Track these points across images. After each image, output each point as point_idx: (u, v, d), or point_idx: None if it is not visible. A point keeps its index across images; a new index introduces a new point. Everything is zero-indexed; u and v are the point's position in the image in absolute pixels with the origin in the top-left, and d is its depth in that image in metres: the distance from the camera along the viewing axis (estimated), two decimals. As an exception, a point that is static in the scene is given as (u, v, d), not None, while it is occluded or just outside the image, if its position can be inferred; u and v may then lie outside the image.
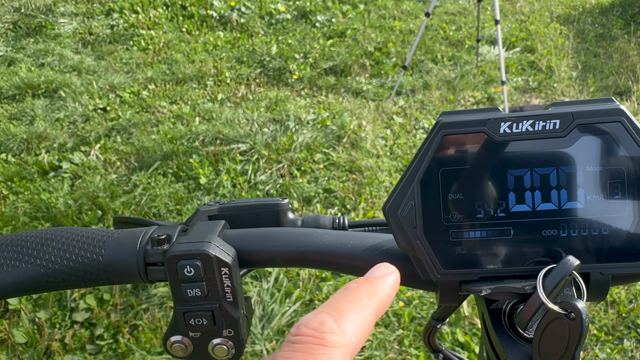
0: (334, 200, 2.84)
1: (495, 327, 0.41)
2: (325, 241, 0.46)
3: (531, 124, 0.39)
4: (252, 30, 4.94)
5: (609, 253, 0.39)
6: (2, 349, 2.02)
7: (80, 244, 0.46)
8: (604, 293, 0.40)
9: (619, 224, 0.38)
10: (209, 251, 0.42)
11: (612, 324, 2.11)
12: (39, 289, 0.45)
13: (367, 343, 2.04)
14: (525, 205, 0.39)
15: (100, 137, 3.36)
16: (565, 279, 0.37)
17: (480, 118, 0.39)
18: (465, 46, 4.80)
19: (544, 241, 0.39)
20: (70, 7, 5.05)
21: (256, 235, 0.47)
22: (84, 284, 0.46)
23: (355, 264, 0.45)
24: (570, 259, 0.37)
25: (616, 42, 4.87)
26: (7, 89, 3.85)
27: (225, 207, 0.53)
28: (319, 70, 4.32)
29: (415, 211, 0.40)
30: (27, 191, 2.86)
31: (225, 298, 0.44)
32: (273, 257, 0.46)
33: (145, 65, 4.28)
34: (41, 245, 0.45)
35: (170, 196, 2.82)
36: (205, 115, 3.62)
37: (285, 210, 0.54)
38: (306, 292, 2.24)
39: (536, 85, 4.21)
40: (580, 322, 0.34)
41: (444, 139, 0.39)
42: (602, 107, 0.39)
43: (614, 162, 0.38)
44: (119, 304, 2.18)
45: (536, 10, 5.68)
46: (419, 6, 5.60)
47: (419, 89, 4.11)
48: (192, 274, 0.42)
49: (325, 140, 3.35)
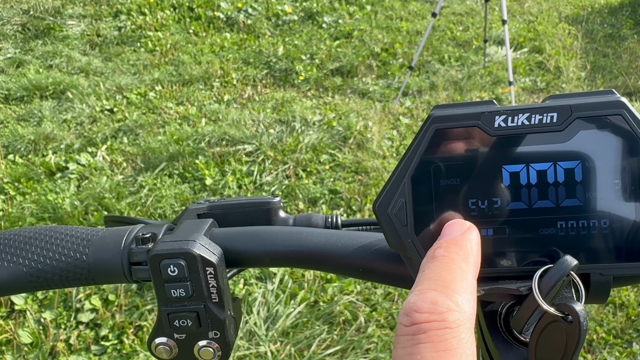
0: (340, 202, 2.83)
1: (491, 330, 0.39)
2: (315, 240, 0.44)
3: (527, 118, 0.37)
4: (258, 32, 4.94)
5: (610, 253, 0.37)
6: (7, 349, 2.03)
7: (64, 242, 0.45)
8: (605, 295, 0.38)
9: (620, 223, 0.36)
10: (193, 250, 0.41)
11: (621, 327, 2.07)
12: (22, 289, 0.44)
13: (371, 345, 2.02)
14: (521, 203, 0.37)
15: (107, 138, 3.37)
16: (563, 280, 0.35)
17: (474, 111, 0.38)
18: (473, 47, 4.77)
19: (541, 240, 0.37)
20: (79, 9, 5.07)
21: (244, 234, 0.45)
22: (68, 284, 0.45)
23: (345, 263, 0.44)
24: (567, 259, 0.35)
25: (625, 42, 4.81)
26: (15, 90, 3.87)
27: (215, 206, 0.52)
28: (326, 71, 4.31)
29: (406, 209, 0.38)
30: (34, 192, 2.87)
31: (211, 299, 0.42)
32: (261, 257, 0.45)
33: (152, 66, 4.29)
34: (24, 244, 0.44)
35: (176, 197, 2.82)
36: (211, 116, 3.62)
37: (276, 209, 0.52)
38: (311, 293, 2.22)
39: (544, 86, 4.17)
40: (577, 325, 0.32)
41: (436, 133, 0.38)
42: (601, 100, 0.37)
43: (615, 158, 0.36)
44: (124, 304, 2.18)
45: (544, 10, 5.64)
46: (426, 7, 5.58)
47: (426, 89, 4.09)
48: (176, 273, 0.41)
49: (331, 141, 3.34)
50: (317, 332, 2.06)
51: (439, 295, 0.29)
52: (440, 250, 0.33)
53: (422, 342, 0.27)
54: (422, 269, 0.32)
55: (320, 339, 2.03)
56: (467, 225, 0.35)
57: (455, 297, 0.29)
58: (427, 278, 0.31)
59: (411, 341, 0.28)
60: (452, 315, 0.28)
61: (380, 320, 2.12)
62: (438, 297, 0.29)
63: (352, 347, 2.01)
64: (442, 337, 0.27)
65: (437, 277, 0.31)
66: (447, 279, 0.30)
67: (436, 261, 0.32)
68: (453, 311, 0.28)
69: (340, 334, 2.07)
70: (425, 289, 0.30)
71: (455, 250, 0.33)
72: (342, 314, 2.14)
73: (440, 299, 0.29)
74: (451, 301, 0.29)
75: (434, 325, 0.28)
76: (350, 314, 2.14)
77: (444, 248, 0.33)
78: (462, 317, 0.28)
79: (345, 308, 2.17)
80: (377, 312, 2.15)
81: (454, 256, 0.32)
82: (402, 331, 0.29)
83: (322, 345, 2.02)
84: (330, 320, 2.13)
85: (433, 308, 0.28)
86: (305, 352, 1.99)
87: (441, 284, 0.30)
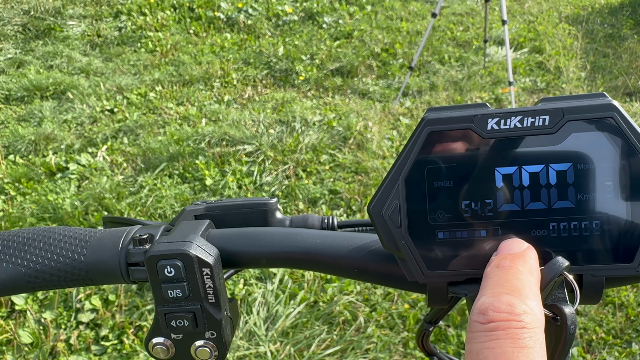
0: (340, 202, 2.83)
1: None
2: (310, 241, 0.45)
3: (519, 120, 0.37)
4: (259, 32, 4.94)
5: (602, 254, 0.37)
6: (8, 349, 2.03)
7: (62, 243, 0.45)
8: (597, 296, 0.39)
9: (612, 224, 0.37)
10: (190, 251, 0.42)
11: (621, 327, 2.08)
12: (20, 289, 0.45)
13: (371, 345, 2.02)
14: (514, 205, 0.38)
15: (107, 139, 3.38)
16: (555, 280, 0.35)
17: (467, 114, 0.38)
18: (473, 47, 4.77)
19: (533, 242, 0.37)
20: (79, 10, 5.08)
21: (240, 235, 0.46)
22: (66, 285, 0.45)
23: (340, 264, 0.44)
24: (559, 260, 0.35)
25: (626, 43, 4.81)
26: (16, 90, 3.88)
27: (212, 207, 0.53)
28: (326, 72, 4.31)
29: (400, 210, 0.39)
30: (34, 192, 2.88)
31: (207, 299, 0.43)
32: (257, 258, 0.45)
33: (153, 67, 4.30)
34: (22, 245, 0.45)
35: (176, 197, 2.83)
36: (211, 116, 3.63)
37: (273, 210, 0.53)
38: (311, 293, 2.23)
39: (544, 86, 4.17)
40: (564, 327, 0.33)
41: (429, 135, 0.38)
42: (593, 103, 0.37)
43: (607, 160, 0.37)
44: (124, 304, 2.19)
45: (544, 10, 5.64)
46: (426, 7, 5.58)
47: (426, 90, 4.09)
48: (173, 274, 0.42)
49: (331, 141, 3.34)
50: (316, 332, 2.06)
51: (514, 299, 0.31)
52: (507, 262, 0.34)
53: (501, 338, 0.29)
54: (489, 276, 0.34)
55: (319, 339, 2.04)
56: (526, 244, 0.37)
57: (528, 302, 0.31)
58: (498, 284, 0.33)
59: (489, 337, 0.29)
60: (528, 317, 0.30)
61: (379, 320, 2.12)
62: (514, 300, 0.31)
63: (352, 347, 2.01)
64: (520, 335, 0.29)
65: (509, 284, 0.32)
66: (519, 286, 0.32)
67: (504, 270, 0.34)
68: (528, 314, 0.30)
69: (339, 334, 2.07)
70: (499, 292, 0.32)
71: (521, 263, 0.34)
72: (341, 314, 2.14)
73: (516, 302, 0.31)
74: (526, 305, 0.31)
75: (513, 324, 0.29)
76: (349, 314, 2.15)
77: (510, 260, 0.35)
78: (537, 320, 0.30)
79: (344, 308, 2.17)
80: (376, 313, 2.15)
81: (520, 268, 0.34)
82: (478, 328, 0.30)
83: (321, 345, 2.02)
84: (330, 321, 2.13)
85: (511, 309, 0.30)
86: (305, 352, 1.99)
87: (514, 289, 0.32)
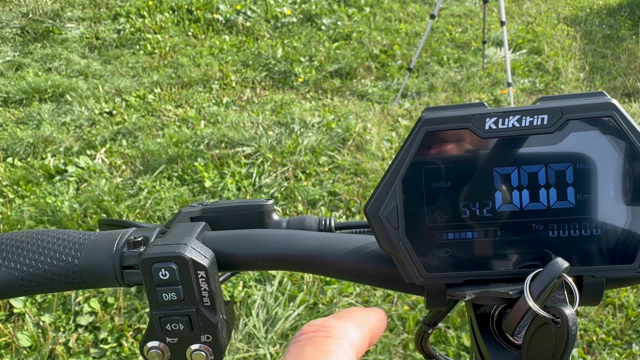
0: (339, 203, 2.82)
1: (483, 332, 0.39)
2: (307, 243, 0.44)
3: (518, 120, 0.37)
4: (257, 34, 4.94)
5: (601, 255, 0.37)
6: (6, 352, 2.02)
7: (56, 246, 0.44)
8: (598, 297, 0.38)
9: (612, 224, 0.36)
10: (185, 254, 0.41)
11: (621, 328, 2.07)
12: (14, 293, 0.44)
13: (371, 347, 2.02)
14: (512, 205, 0.37)
15: (106, 141, 3.37)
16: (554, 282, 0.35)
17: (465, 114, 0.37)
18: (471, 48, 4.77)
19: (532, 243, 0.37)
20: (78, 12, 5.08)
21: (236, 237, 0.45)
22: (60, 288, 0.44)
23: (337, 266, 0.43)
24: (558, 261, 0.35)
25: (624, 43, 4.81)
26: (14, 93, 3.87)
27: (208, 209, 0.52)
28: (325, 73, 4.31)
29: (397, 211, 0.38)
30: (32, 195, 2.87)
31: (203, 302, 0.42)
32: (253, 260, 0.45)
33: (151, 69, 4.29)
34: (16, 248, 0.44)
35: (175, 200, 2.82)
36: (210, 118, 3.62)
37: (269, 212, 0.52)
38: (310, 295, 2.22)
39: (543, 87, 4.17)
40: (565, 329, 0.32)
41: (427, 135, 0.38)
42: (592, 102, 0.37)
43: (606, 159, 0.36)
44: (122, 307, 2.18)
45: (543, 11, 5.64)
46: (425, 8, 5.58)
47: (425, 91, 4.09)
48: (167, 277, 0.41)
49: (330, 143, 3.34)
50: (316, 334, 2.05)
51: (330, 319, 0.33)
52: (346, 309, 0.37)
53: (306, 345, 0.31)
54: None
55: (319, 341, 2.03)
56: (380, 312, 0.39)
57: (344, 324, 0.33)
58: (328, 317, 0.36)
59: (296, 345, 0.31)
60: (336, 331, 0.32)
61: (379, 322, 2.12)
62: (329, 319, 0.33)
63: (351, 349, 2.00)
64: (324, 342, 0.31)
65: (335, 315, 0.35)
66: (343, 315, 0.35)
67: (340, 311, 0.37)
68: (338, 329, 0.32)
69: (339, 336, 2.07)
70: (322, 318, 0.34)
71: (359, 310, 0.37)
72: (341, 316, 2.13)
73: (330, 321, 0.33)
74: (340, 324, 0.33)
75: (319, 334, 0.32)
76: (349, 316, 2.14)
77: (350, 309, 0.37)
78: (346, 336, 0.32)
79: (344, 310, 2.16)
80: (376, 314, 2.14)
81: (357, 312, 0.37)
82: (292, 342, 0.32)
83: (321, 347, 2.01)
84: (329, 323, 2.12)
85: (322, 323, 0.33)
86: (304, 354, 1.98)
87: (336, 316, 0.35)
